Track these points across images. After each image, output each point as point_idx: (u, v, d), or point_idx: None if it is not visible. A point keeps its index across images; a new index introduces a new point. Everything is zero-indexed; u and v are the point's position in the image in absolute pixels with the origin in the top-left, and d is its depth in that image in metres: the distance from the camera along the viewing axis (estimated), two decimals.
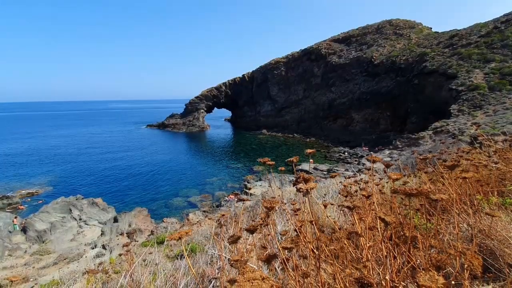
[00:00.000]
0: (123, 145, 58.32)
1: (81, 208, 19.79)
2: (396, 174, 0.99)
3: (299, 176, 1.16)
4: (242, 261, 1.05)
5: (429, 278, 0.70)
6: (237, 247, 3.84)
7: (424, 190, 0.85)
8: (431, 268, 0.94)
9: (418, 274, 0.71)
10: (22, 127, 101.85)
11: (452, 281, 0.93)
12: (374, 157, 1.26)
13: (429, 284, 0.67)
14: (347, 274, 1.06)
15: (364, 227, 1.29)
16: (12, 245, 15.34)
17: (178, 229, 14.97)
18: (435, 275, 0.70)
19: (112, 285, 5.94)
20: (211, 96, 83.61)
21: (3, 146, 57.20)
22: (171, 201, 27.69)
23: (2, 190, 29.69)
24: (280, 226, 4.82)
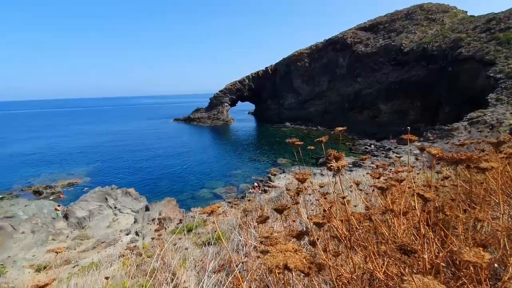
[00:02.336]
0: (152, 138, 60.71)
1: (116, 197, 20.99)
2: (436, 149, 0.92)
3: (330, 154, 1.13)
4: (272, 238, 1.05)
5: (474, 254, 0.65)
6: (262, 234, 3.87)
7: (474, 156, 0.78)
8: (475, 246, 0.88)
9: (463, 250, 0.66)
10: (62, 122, 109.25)
11: (498, 257, 0.87)
12: (411, 137, 1.19)
13: (475, 259, 0.63)
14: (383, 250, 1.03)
15: (397, 210, 1.23)
16: (55, 230, 16.67)
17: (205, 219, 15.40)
18: (480, 251, 0.65)
19: (145, 268, 6.26)
20: (234, 89, 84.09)
21: (47, 140, 61.83)
22: (198, 192, 28.50)
23: (46, 180, 32.22)
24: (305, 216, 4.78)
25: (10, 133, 77.89)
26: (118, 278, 5.34)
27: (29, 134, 71.98)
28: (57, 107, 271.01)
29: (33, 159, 43.27)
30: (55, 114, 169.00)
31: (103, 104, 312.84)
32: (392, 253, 0.79)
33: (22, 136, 69.56)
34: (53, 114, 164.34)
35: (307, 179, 1.03)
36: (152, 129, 76.21)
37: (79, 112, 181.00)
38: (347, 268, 1.10)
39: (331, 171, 1.09)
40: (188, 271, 4.46)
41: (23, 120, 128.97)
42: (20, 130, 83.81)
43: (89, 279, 5.36)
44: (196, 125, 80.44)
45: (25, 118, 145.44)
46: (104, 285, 4.26)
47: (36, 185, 29.91)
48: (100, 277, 5.55)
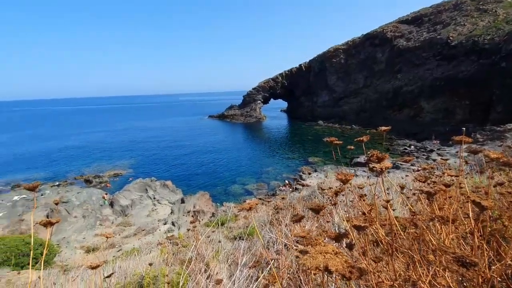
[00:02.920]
0: (188, 134, 63.17)
1: (155, 189, 22.24)
2: (496, 152, 0.82)
3: (372, 154, 1.07)
4: (309, 238, 1.03)
5: None
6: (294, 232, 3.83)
7: None
8: None
9: None
10: (107, 119, 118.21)
11: None
12: (465, 138, 1.08)
13: None
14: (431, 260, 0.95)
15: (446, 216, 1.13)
16: (102, 216, 18.16)
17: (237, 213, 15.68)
18: None
19: (181, 256, 6.56)
20: (267, 87, 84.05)
21: (96, 135, 67.44)
22: (230, 187, 29.10)
23: (95, 170, 35.18)
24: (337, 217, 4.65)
25: (64, 128, 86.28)
26: (156, 264, 5.66)
27: (80, 129, 79.14)
28: (101, 105, 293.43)
29: (85, 151, 47.52)
30: (101, 111, 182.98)
31: (143, 102, 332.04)
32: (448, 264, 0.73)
33: (74, 131, 76.66)
34: (99, 111, 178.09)
35: (350, 180, 0.98)
36: (188, 126, 79.30)
37: (121, 109, 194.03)
38: (387, 275, 1.04)
39: (373, 172, 1.03)
40: (220, 264, 4.57)
41: (73, 117, 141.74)
42: (72, 126, 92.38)
43: (131, 263, 5.76)
44: (230, 122, 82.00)
45: (74, 114, 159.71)
46: (145, 270, 4.54)
47: (87, 175, 32.81)
48: (141, 262, 5.93)
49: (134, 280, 4.62)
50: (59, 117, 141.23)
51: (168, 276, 4.24)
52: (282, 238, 3.62)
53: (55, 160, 42.04)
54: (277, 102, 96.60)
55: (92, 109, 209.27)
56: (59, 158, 42.86)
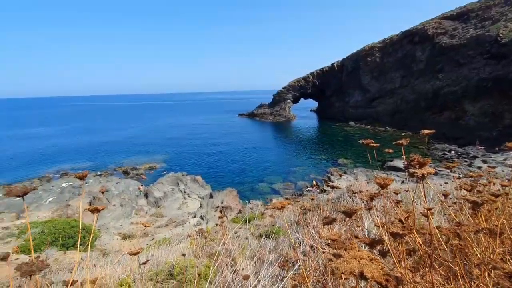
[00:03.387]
0: (218, 131, 64.62)
1: (186, 183, 23.08)
2: None
3: (413, 159, 1.01)
4: (340, 242, 1.01)
5: None
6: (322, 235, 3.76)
7: None
8: None
9: None
10: (147, 115, 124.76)
11: None
12: None
13: None
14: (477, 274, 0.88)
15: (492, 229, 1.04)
16: (138, 206, 19.26)
17: (263, 211, 15.72)
18: None
19: (208, 250, 6.74)
20: (298, 86, 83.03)
21: (136, 130, 71.63)
22: (257, 185, 29.27)
23: (133, 163, 37.35)
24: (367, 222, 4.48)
25: (109, 123, 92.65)
26: (186, 255, 5.89)
27: (122, 125, 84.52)
28: (143, 101, 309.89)
29: (125, 145, 50.70)
30: (142, 107, 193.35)
31: (179, 99, 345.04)
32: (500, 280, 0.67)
33: (118, 126, 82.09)
34: (140, 108, 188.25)
35: (389, 185, 0.94)
36: (219, 123, 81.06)
37: (160, 106, 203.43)
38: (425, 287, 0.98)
39: (413, 177, 0.98)
40: (246, 260, 4.63)
41: (118, 112, 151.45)
42: (117, 121, 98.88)
43: (163, 252, 6.05)
44: (259, 120, 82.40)
45: (119, 110, 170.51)
46: (176, 260, 4.74)
47: (125, 166, 34.98)
48: (171, 252, 6.20)
49: (165, 268, 4.84)
50: (104, 112, 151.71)
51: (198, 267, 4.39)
52: (309, 240, 3.57)
53: (98, 151, 45.37)
54: (307, 101, 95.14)
55: (135, 105, 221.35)
56: (102, 150, 46.20)
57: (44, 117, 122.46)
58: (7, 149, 48.78)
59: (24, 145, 52.12)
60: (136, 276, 4.28)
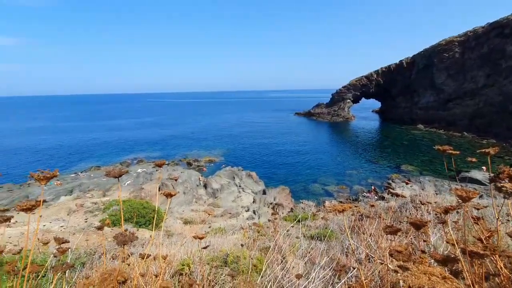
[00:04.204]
0: (274, 130, 65.13)
1: (241, 177, 23.95)
2: None
3: (503, 171, 0.89)
4: (406, 254, 0.96)
5: None
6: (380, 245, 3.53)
7: None
8: None
9: None
10: (212, 111, 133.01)
11: None
12: None
13: None
14: None
15: None
16: (198, 195, 20.76)
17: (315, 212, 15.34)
18: None
19: (260, 244, 6.92)
20: (359, 85, 78.05)
21: (201, 124, 77.15)
22: (310, 186, 28.67)
23: (195, 155, 40.38)
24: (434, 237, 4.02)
25: (175, 118, 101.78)
26: (239, 246, 6.16)
27: (186, 120, 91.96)
28: (204, 98, 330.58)
29: (189, 138, 55.17)
30: (203, 104, 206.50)
31: (237, 97, 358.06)
32: None
33: (183, 121, 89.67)
34: (202, 105, 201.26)
35: (473, 199, 0.84)
36: (275, 121, 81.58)
37: (219, 103, 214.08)
38: None
39: (501, 192, 0.86)
40: (296, 259, 4.62)
41: (183, 109, 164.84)
42: (183, 116, 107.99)
43: (219, 240, 6.44)
44: (315, 120, 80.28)
45: (184, 107, 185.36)
46: (230, 249, 5.00)
47: (188, 158, 38.04)
48: (226, 241, 6.55)
49: (220, 255, 5.14)
50: (173, 108, 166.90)
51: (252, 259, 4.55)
52: (365, 248, 3.39)
53: (167, 144, 50.32)
54: (369, 101, 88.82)
55: (203, 102, 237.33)
56: (170, 143, 51.09)
57: (122, 112, 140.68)
58: (97, 137, 57.74)
59: (109, 135, 60.96)
60: (195, 258, 4.66)
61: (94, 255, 6.27)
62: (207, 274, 4.01)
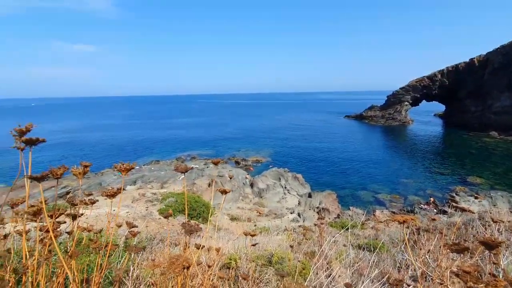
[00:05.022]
0: (322, 132, 63.24)
1: (287, 179, 23.85)
2: None
3: None
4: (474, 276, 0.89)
5: None
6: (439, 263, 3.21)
7: None
8: None
9: None
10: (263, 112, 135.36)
11: None
12: None
13: None
14: None
15: None
16: (244, 193, 21.31)
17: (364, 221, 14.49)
18: None
19: (304, 247, 6.83)
20: (420, 86, 70.97)
21: (251, 124, 79.06)
22: (358, 192, 27.12)
23: (243, 154, 41.48)
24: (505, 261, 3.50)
25: (227, 118, 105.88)
26: (283, 247, 6.18)
27: (237, 120, 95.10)
28: (255, 99, 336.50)
29: (239, 138, 56.98)
30: (254, 105, 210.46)
31: (288, 99, 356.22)
32: None
33: (233, 121, 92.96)
34: (254, 106, 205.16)
35: None
36: (324, 124, 79.16)
37: (269, 104, 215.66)
38: None
39: None
40: (343, 268, 4.47)
41: (235, 109, 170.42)
42: (234, 117, 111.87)
43: (263, 239, 6.55)
44: (368, 123, 75.53)
45: (235, 107, 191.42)
46: (275, 249, 5.06)
47: (237, 157, 39.29)
48: (271, 241, 6.63)
49: (265, 254, 5.24)
50: (225, 109, 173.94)
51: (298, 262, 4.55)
52: (421, 265, 3.12)
53: (218, 142, 52.75)
54: (431, 104, 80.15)
55: (257, 103, 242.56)
56: (221, 141, 53.45)
57: (178, 112, 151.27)
58: (157, 134, 63.34)
59: (166, 133, 66.34)
60: (242, 254, 4.83)
61: (153, 241, 6.94)
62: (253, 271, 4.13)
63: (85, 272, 2.41)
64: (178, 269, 1.25)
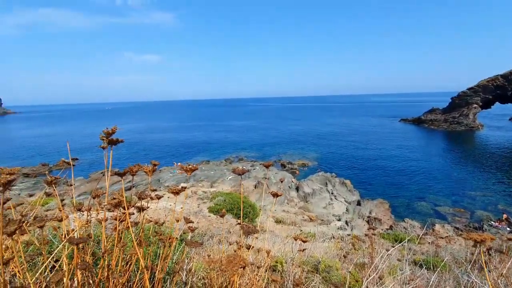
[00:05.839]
0: (375, 136, 59.16)
1: (334, 184, 22.94)
2: None
3: None
4: None
5: None
6: None
7: None
8: None
9: None
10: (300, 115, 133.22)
11: None
12: None
13: None
14: None
15: None
16: (289, 197, 21.13)
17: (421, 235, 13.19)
18: None
19: (353, 257, 6.51)
20: (493, 86, 61.60)
21: (302, 127, 78.34)
22: (415, 203, 24.62)
23: (289, 157, 41.17)
24: None
25: (278, 121, 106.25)
26: (330, 255, 5.97)
27: (287, 123, 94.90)
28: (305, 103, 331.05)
29: (287, 141, 56.80)
30: (305, 108, 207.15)
31: (338, 101, 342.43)
32: None
33: (282, 124, 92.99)
34: (304, 109, 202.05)
35: None
36: (376, 128, 73.96)
37: (318, 108, 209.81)
38: None
39: None
40: (396, 284, 4.15)
41: (283, 112, 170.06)
42: (284, 120, 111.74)
43: (310, 245, 6.43)
44: (427, 128, 68.22)
45: (284, 111, 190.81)
46: (322, 256, 4.93)
47: (283, 160, 39.18)
48: (317, 247, 6.47)
49: (311, 261, 5.13)
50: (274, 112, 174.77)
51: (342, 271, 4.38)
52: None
53: (265, 144, 53.31)
54: (506, 107, 68.78)
55: (309, 106, 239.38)
56: (268, 144, 53.94)
57: (231, 115, 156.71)
58: (208, 136, 66.77)
59: (217, 135, 69.45)
60: (287, 258, 4.81)
61: (204, 237, 7.35)
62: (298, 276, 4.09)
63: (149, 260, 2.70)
64: (235, 267, 1.33)
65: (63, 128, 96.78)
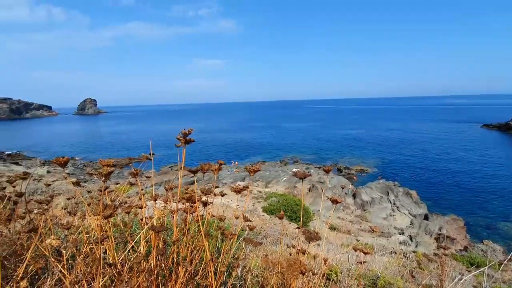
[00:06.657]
0: (448, 144, 51.49)
1: (396, 194, 20.86)
2: None
3: None
4: None
5: None
6: None
7: None
8: None
9: None
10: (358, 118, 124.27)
11: None
12: None
13: None
14: None
15: None
16: (345, 204, 20.02)
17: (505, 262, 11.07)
18: None
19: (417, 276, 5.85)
20: None
21: (356, 131, 73.89)
22: (498, 223, 20.58)
23: (346, 162, 38.98)
24: None
25: (336, 123, 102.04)
26: (390, 271, 5.47)
27: (345, 125, 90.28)
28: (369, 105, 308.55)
29: (344, 144, 53.94)
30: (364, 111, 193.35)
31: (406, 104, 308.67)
32: None
33: (340, 126, 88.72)
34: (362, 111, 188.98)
35: None
36: (451, 134, 64.21)
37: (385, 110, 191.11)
38: None
39: None
40: None
41: (344, 115, 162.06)
42: (342, 122, 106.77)
43: (367, 257, 6.01)
44: None
45: (344, 113, 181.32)
46: (381, 272, 4.58)
47: (339, 164, 37.32)
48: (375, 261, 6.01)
49: (369, 274, 4.79)
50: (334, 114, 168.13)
51: None
52: None
53: (321, 148, 51.57)
54: None
55: (360, 109, 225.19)
56: (324, 147, 52.03)
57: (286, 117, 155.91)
58: (265, 137, 67.83)
59: (273, 136, 70.00)
60: (343, 268, 4.60)
61: (258, 235, 7.54)
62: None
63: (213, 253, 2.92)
64: (296, 272, 1.37)
65: (139, 126, 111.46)
